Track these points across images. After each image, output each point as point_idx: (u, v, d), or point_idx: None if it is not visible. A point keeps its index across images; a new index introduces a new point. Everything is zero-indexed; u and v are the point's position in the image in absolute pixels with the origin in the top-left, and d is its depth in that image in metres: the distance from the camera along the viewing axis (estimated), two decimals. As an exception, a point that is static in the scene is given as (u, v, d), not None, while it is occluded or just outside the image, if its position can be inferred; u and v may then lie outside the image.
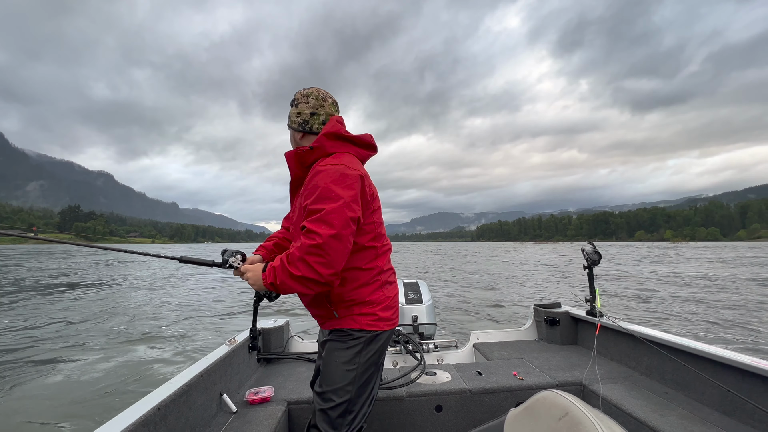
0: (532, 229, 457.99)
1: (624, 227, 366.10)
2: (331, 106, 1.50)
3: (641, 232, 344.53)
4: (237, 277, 1.50)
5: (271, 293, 1.84)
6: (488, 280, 15.40)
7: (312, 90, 1.48)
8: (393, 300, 1.50)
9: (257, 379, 2.34)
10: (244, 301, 10.57)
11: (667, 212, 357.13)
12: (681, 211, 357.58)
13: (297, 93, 1.50)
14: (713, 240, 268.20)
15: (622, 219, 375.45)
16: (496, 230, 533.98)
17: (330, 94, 1.51)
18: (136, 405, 1.38)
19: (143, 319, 8.16)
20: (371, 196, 1.41)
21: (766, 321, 7.58)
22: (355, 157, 1.45)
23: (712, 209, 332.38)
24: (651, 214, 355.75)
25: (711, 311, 8.64)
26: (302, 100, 1.47)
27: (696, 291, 11.80)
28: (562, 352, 2.73)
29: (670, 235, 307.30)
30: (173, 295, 11.94)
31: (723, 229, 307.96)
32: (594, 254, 2.72)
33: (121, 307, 9.73)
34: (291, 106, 1.50)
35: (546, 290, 12.43)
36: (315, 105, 1.46)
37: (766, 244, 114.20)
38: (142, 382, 4.48)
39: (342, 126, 1.47)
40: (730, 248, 65.42)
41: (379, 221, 1.46)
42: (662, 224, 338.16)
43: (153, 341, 6.36)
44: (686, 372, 1.96)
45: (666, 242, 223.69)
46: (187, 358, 5.41)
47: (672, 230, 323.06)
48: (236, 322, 8.03)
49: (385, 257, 1.50)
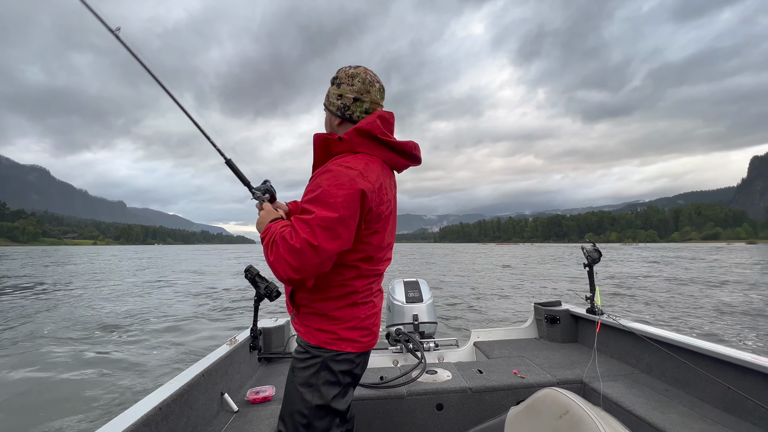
0: (492, 231, 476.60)
1: (575, 229, 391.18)
2: (377, 93, 1.31)
3: (590, 234, 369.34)
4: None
5: (272, 293, 1.82)
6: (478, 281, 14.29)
7: (359, 70, 1.29)
8: (365, 321, 1.29)
9: (258, 378, 2.35)
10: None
11: (612, 216, 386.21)
12: (624, 214, 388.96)
13: (341, 70, 1.32)
14: (651, 241, 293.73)
15: (573, 222, 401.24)
16: (457, 232, 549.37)
17: (378, 78, 1.32)
18: (138, 405, 1.37)
19: (144, 320, 8.17)
20: (377, 216, 1.23)
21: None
22: (382, 165, 1.27)
23: (650, 213, 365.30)
24: (598, 218, 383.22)
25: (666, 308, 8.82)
26: (346, 81, 1.29)
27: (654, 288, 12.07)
28: (563, 350, 2.73)
29: (615, 237, 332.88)
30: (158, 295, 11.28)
31: (659, 231, 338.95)
32: (594, 252, 2.73)
33: (116, 306, 9.76)
34: (331, 84, 1.33)
35: (540, 289, 11.71)
36: (360, 89, 1.28)
37: (696, 246, 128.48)
38: (142, 382, 4.50)
39: (384, 124, 1.26)
40: (670, 249, 71.12)
41: (378, 244, 1.27)
42: (608, 227, 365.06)
43: (153, 342, 6.34)
44: (687, 369, 1.95)
45: (617, 243, 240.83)
46: (187, 358, 5.43)
47: (616, 232, 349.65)
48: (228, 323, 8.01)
49: (367, 280, 1.30)
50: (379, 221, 1.24)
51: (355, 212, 1.14)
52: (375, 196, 1.19)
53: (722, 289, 12.98)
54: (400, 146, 1.29)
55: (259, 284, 2.32)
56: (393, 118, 1.30)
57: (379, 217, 1.24)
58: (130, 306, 10.11)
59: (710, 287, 13.33)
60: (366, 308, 1.30)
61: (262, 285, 2.33)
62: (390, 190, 1.29)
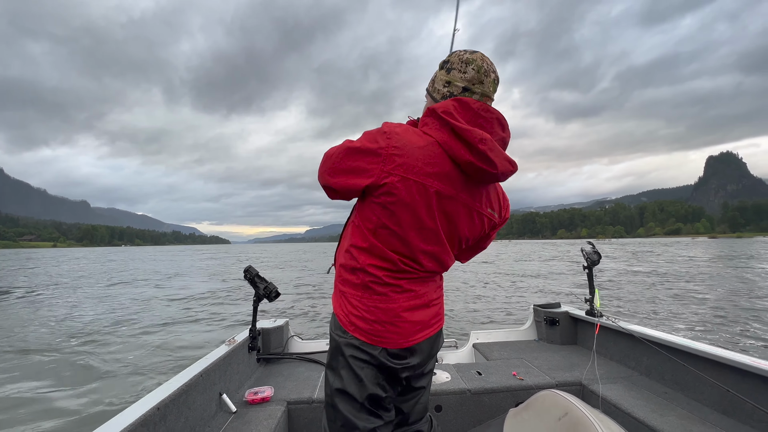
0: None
1: (548, 226, 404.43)
2: (491, 84, 1.11)
3: (562, 230, 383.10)
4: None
5: (271, 293, 1.75)
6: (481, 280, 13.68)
7: (476, 56, 1.10)
8: (376, 312, 1.08)
9: (257, 379, 2.34)
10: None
11: (583, 213, 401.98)
12: (593, 211, 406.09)
13: (454, 54, 1.14)
14: (619, 237, 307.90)
15: (546, 219, 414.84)
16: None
17: (495, 68, 1.12)
18: (136, 405, 1.36)
19: (141, 319, 8.01)
20: (381, 188, 1.03)
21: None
22: (431, 145, 1.03)
23: (617, 210, 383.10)
24: (570, 215, 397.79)
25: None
26: (458, 67, 1.11)
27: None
28: (562, 352, 2.73)
29: (585, 233, 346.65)
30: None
31: (626, 227, 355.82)
32: (593, 254, 2.70)
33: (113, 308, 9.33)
34: (439, 69, 1.16)
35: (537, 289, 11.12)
36: (473, 78, 1.09)
37: (659, 240, 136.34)
38: (141, 382, 4.49)
39: (462, 107, 1.04)
40: (647, 244, 74.36)
41: (390, 227, 1.05)
42: (579, 223, 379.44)
43: (152, 342, 6.23)
44: (686, 372, 1.95)
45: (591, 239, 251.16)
46: (184, 358, 5.36)
47: (587, 228, 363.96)
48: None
49: (376, 260, 1.08)
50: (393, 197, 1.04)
51: (367, 147, 1.04)
52: (392, 166, 1.01)
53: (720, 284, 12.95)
54: (461, 131, 1.00)
55: (258, 284, 2.29)
56: (485, 109, 1.05)
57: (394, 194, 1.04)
58: (107, 311, 9.23)
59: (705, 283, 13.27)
60: (382, 300, 1.09)
61: (261, 285, 2.29)
62: (426, 177, 1.02)
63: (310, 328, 6.74)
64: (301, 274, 19.56)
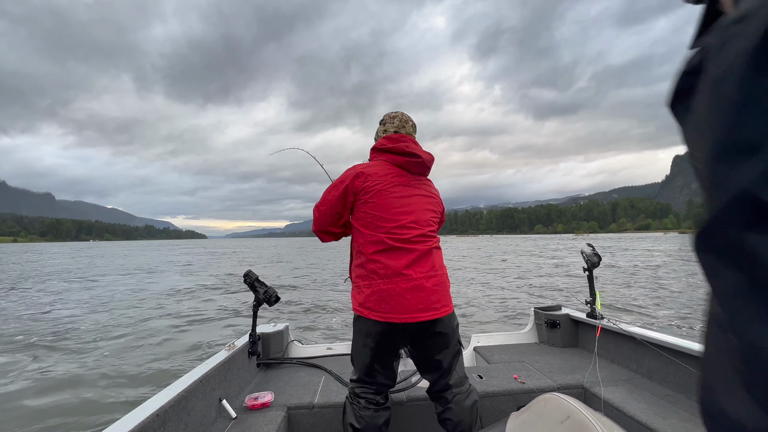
0: (449, 223, 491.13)
1: (526, 222, 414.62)
2: (410, 129, 1.75)
3: (539, 225, 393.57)
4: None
5: (270, 298, 1.78)
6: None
7: (398, 114, 1.77)
8: (380, 294, 1.43)
9: (257, 384, 2.33)
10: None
11: (559, 209, 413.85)
12: (569, 207, 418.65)
13: (386, 115, 1.80)
14: (593, 232, 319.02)
15: (524, 214, 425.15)
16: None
17: (410, 117, 1.78)
18: (135, 411, 1.36)
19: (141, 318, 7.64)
20: (362, 190, 1.55)
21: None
22: (382, 163, 1.63)
23: (591, 206, 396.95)
24: (547, 210, 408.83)
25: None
26: (389, 121, 1.75)
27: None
28: (563, 354, 2.72)
29: (561, 229, 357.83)
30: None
31: (599, 223, 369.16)
32: (594, 256, 2.68)
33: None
34: (379, 125, 1.80)
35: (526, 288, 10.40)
36: (397, 126, 1.72)
37: (630, 235, 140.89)
38: (140, 387, 4.44)
39: (390, 138, 1.66)
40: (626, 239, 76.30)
41: (374, 213, 1.53)
42: (555, 219, 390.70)
43: (152, 343, 6.00)
44: (688, 374, 1.96)
45: (566, 234, 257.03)
46: (184, 362, 5.26)
47: (563, 224, 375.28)
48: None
49: (373, 247, 1.50)
50: (367, 193, 1.55)
51: (340, 185, 1.59)
52: (363, 176, 1.56)
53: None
54: (392, 147, 1.63)
55: (258, 289, 2.29)
56: (401, 136, 1.67)
57: (366, 190, 1.55)
58: (89, 311, 7.99)
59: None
60: (383, 283, 1.46)
61: (261, 290, 2.28)
62: (385, 176, 1.58)
63: (310, 333, 6.25)
64: (281, 271, 18.32)
